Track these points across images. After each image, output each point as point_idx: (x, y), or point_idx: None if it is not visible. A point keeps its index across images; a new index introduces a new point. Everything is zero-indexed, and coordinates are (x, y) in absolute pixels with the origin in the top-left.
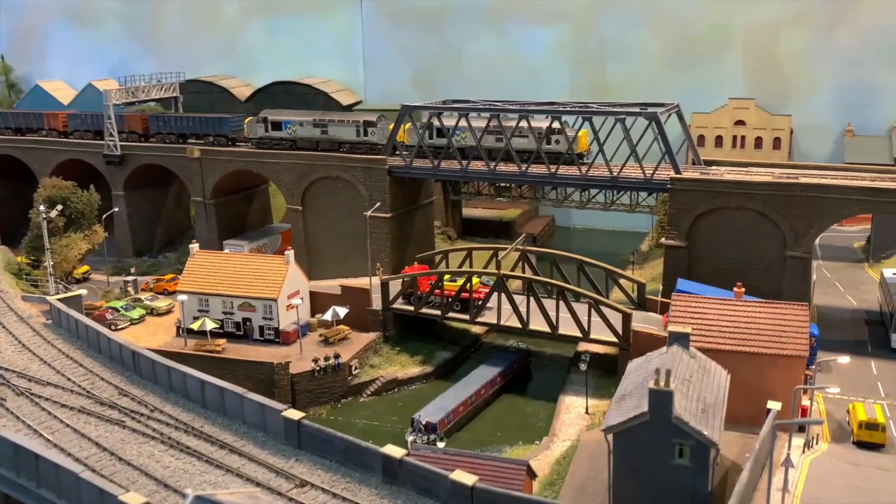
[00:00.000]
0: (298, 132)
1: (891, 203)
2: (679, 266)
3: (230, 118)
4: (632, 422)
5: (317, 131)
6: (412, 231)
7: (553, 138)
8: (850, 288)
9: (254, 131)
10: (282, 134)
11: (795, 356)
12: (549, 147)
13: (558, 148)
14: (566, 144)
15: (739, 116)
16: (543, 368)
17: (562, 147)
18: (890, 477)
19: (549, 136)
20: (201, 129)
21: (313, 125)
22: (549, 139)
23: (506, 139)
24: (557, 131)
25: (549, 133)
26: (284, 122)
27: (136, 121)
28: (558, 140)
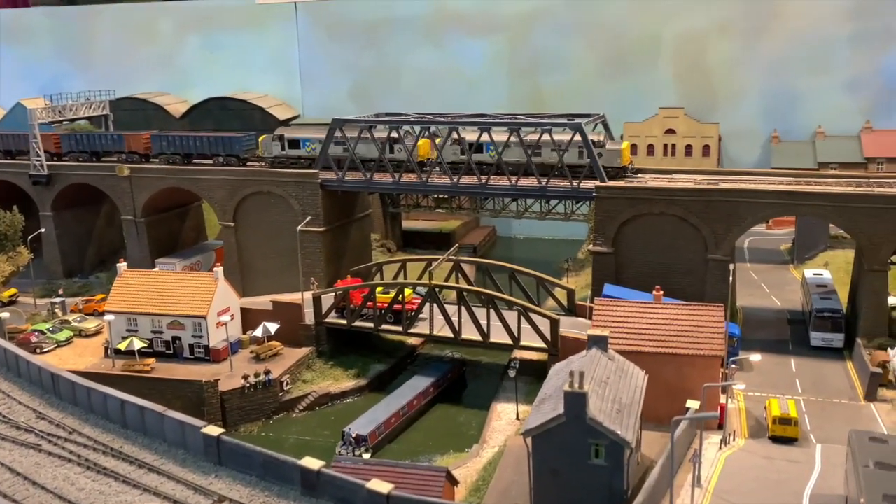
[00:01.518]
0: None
1: (805, 205)
2: (607, 271)
3: (242, 137)
4: (549, 424)
5: (338, 149)
6: (348, 244)
7: (595, 152)
8: (775, 289)
9: (268, 150)
10: (300, 152)
11: (712, 355)
12: (590, 161)
13: (601, 161)
14: (608, 158)
15: (670, 125)
16: (478, 377)
17: (603, 161)
18: (800, 469)
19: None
20: (210, 148)
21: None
22: (590, 153)
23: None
24: (598, 144)
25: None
26: (303, 139)
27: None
28: (599, 154)
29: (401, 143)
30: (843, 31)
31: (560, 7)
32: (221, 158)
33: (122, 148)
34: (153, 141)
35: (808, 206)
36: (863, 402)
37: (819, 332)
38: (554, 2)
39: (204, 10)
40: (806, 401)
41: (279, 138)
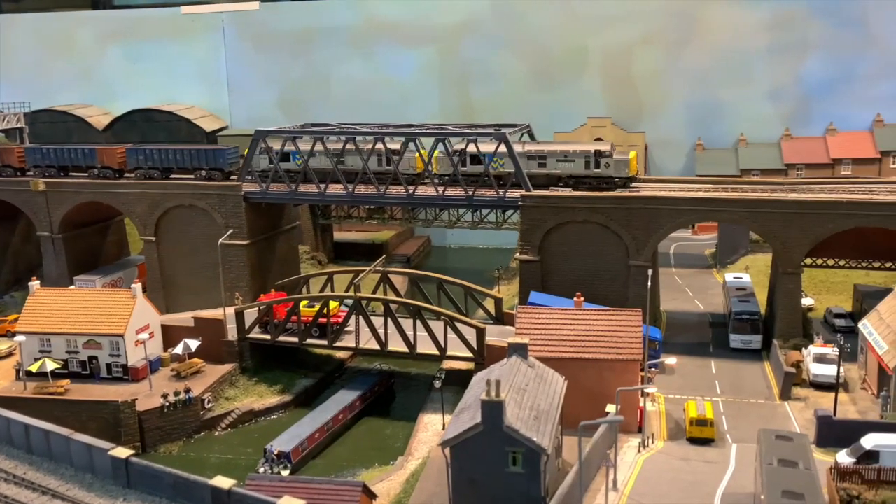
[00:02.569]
0: (312, 163)
1: (721, 211)
2: (533, 279)
3: (226, 149)
4: (466, 434)
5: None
6: (274, 257)
7: (602, 162)
8: (699, 293)
9: (256, 163)
10: (289, 165)
11: (630, 359)
12: (598, 171)
13: (608, 171)
14: (616, 168)
15: (598, 134)
16: (407, 388)
17: (612, 171)
18: (715, 469)
19: (597, 161)
20: (191, 162)
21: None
22: (598, 163)
23: (382, 160)
24: (606, 154)
25: (598, 157)
26: (293, 152)
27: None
28: (608, 164)
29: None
30: (762, 42)
31: (489, 19)
32: (204, 172)
33: (94, 162)
34: (129, 155)
35: (725, 213)
36: (778, 401)
37: (738, 335)
38: (483, 14)
39: (126, 21)
40: (724, 402)
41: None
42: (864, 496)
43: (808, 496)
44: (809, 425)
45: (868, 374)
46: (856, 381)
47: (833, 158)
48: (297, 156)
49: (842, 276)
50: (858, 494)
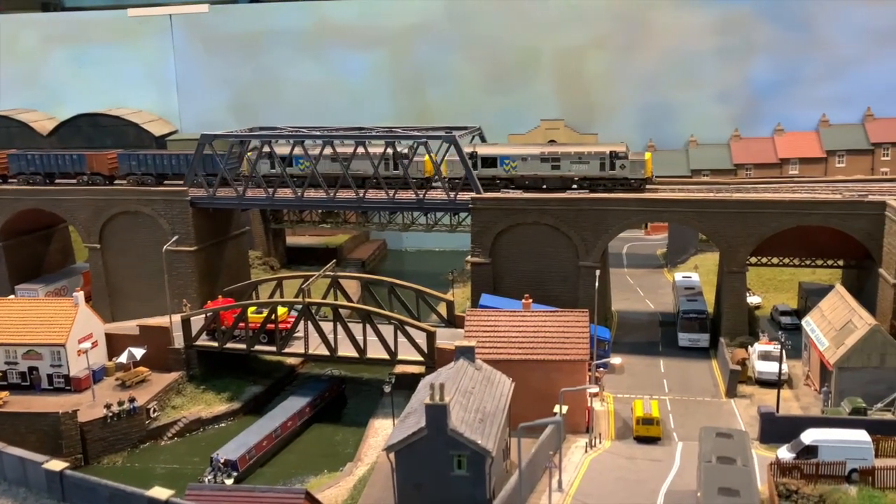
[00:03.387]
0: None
1: (668, 212)
2: (485, 281)
3: (224, 154)
4: (411, 438)
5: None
6: (223, 263)
7: (618, 163)
8: (650, 292)
9: (258, 168)
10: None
11: (578, 360)
12: (614, 173)
13: (623, 173)
14: (632, 169)
15: (551, 136)
16: (359, 394)
17: (627, 172)
18: (660, 467)
19: (612, 162)
20: (187, 167)
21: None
22: (614, 165)
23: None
24: (622, 156)
25: (614, 158)
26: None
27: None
28: (623, 165)
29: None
30: (711, 45)
31: (441, 22)
32: (199, 178)
33: (84, 169)
34: (121, 161)
35: (671, 213)
36: (724, 398)
37: (686, 333)
38: (435, 17)
39: (71, 23)
40: (672, 400)
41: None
42: (802, 490)
43: (743, 492)
44: (754, 422)
45: (811, 371)
46: (800, 377)
47: (781, 158)
48: (300, 160)
49: (788, 274)
50: (797, 489)
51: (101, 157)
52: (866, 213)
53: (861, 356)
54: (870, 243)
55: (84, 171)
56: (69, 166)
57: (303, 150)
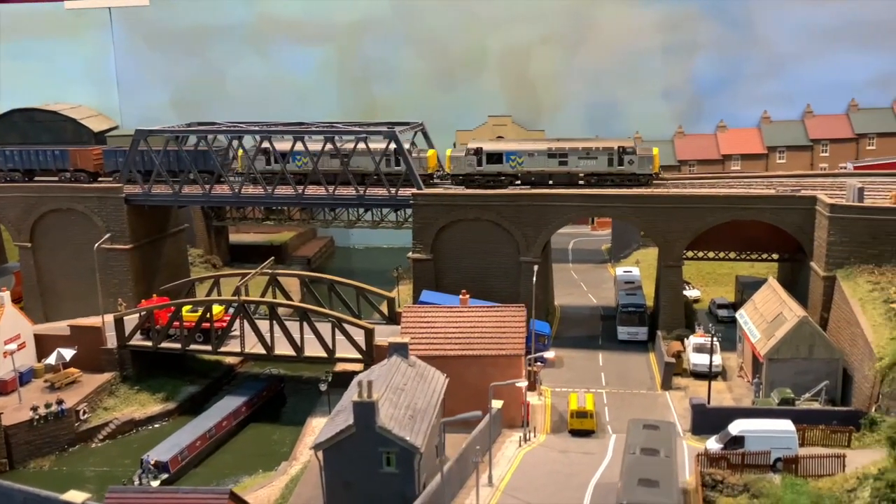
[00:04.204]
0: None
1: (606, 207)
2: (427, 278)
3: (218, 149)
4: (339, 436)
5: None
6: (161, 262)
7: (626, 159)
8: (593, 287)
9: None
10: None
11: (514, 355)
12: (622, 168)
13: (631, 168)
14: (640, 165)
15: (499, 132)
16: (298, 393)
17: (636, 168)
18: (592, 460)
19: (621, 158)
20: (179, 164)
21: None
22: (622, 160)
23: (251, 159)
24: (630, 151)
25: (622, 154)
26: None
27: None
28: (631, 160)
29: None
30: (655, 43)
31: (388, 17)
32: (190, 175)
33: (66, 165)
34: (106, 157)
35: (609, 208)
36: (660, 390)
37: (625, 327)
38: (381, 12)
39: (4, 15)
40: (609, 393)
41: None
42: (727, 480)
43: (662, 483)
44: (687, 413)
45: (745, 362)
46: (734, 369)
47: (723, 154)
48: (297, 157)
49: (727, 268)
50: (723, 478)
51: (86, 153)
52: (798, 207)
53: (790, 347)
54: (801, 237)
55: (67, 168)
56: (51, 163)
57: (303, 147)
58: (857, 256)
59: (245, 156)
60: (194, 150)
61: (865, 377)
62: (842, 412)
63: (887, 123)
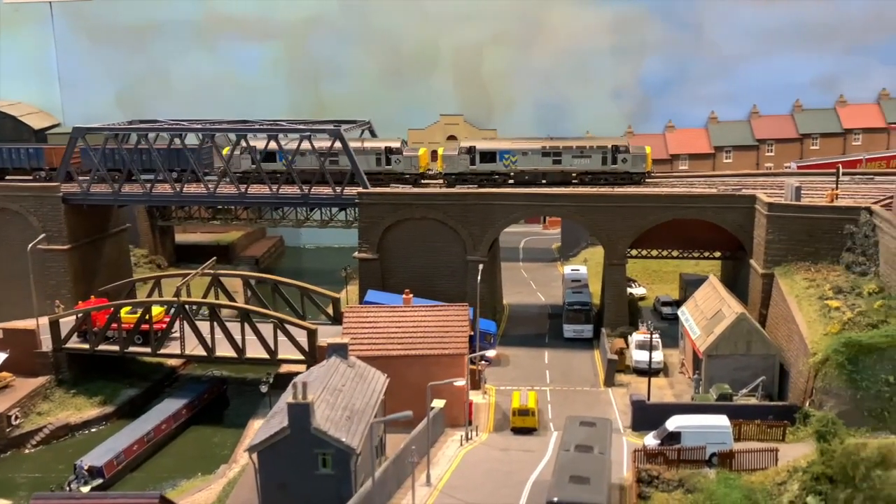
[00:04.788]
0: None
1: (551, 206)
2: (373, 277)
3: (202, 148)
4: (274, 438)
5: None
6: (101, 262)
7: (620, 157)
8: (542, 285)
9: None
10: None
11: (456, 354)
12: (615, 167)
13: (625, 167)
14: (633, 163)
15: (451, 131)
16: (242, 394)
17: (629, 166)
18: (532, 457)
19: (614, 156)
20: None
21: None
22: (616, 159)
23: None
24: (623, 150)
25: (615, 153)
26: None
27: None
28: (625, 159)
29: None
30: (605, 43)
31: (337, 15)
32: (175, 174)
33: (41, 164)
34: (83, 155)
35: (554, 207)
36: (603, 387)
37: (571, 325)
38: (330, 10)
39: None
40: (553, 391)
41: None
42: (663, 476)
43: (593, 480)
44: (629, 410)
45: (686, 359)
46: (676, 365)
47: (671, 154)
48: (283, 156)
49: (673, 266)
50: (658, 474)
51: (62, 151)
52: (738, 206)
53: (728, 344)
54: (742, 235)
55: (42, 167)
56: (25, 161)
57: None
58: (795, 254)
59: (227, 155)
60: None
61: (800, 372)
62: (778, 407)
63: (830, 124)
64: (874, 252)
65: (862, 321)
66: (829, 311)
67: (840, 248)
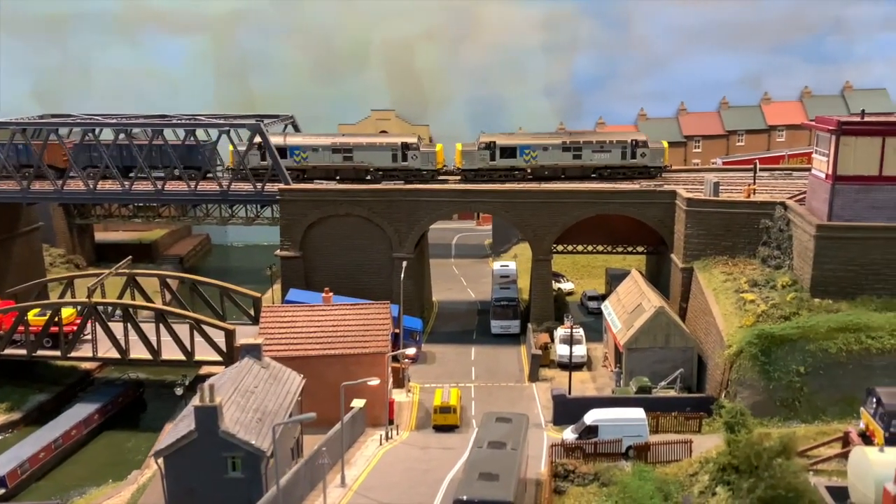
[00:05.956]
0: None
1: (477, 202)
2: (296, 275)
3: (204, 144)
4: (180, 442)
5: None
6: (10, 263)
7: (639, 152)
8: (472, 282)
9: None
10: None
11: (377, 353)
12: (634, 161)
13: (644, 161)
14: (651, 157)
15: (382, 127)
16: (160, 398)
17: (647, 160)
18: (451, 455)
19: (633, 151)
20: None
21: None
22: (635, 153)
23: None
24: (642, 144)
25: (634, 147)
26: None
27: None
28: (644, 153)
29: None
30: (536, 40)
31: (265, 8)
32: (178, 171)
33: (32, 161)
34: (77, 152)
35: (480, 203)
36: (527, 383)
37: (498, 321)
38: (258, 2)
39: None
40: (477, 387)
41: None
42: (579, 470)
43: (502, 476)
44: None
45: (609, 352)
46: (600, 359)
47: None
48: (296, 151)
49: (602, 261)
50: (574, 468)
51: (55, 147)
52: (659, 201)
53: (648, 337)
54: (663, 230)
55: (30, 164)
56: (13, 157)
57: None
58: (713, 248)
59: (305, 150)
60: (80, 144)
61: (717, 365)
62: (695, 399)
63: (755, 121)
64: (788, 246)
65: (775, 313)
66: (744, 304)
67: (756, 242)
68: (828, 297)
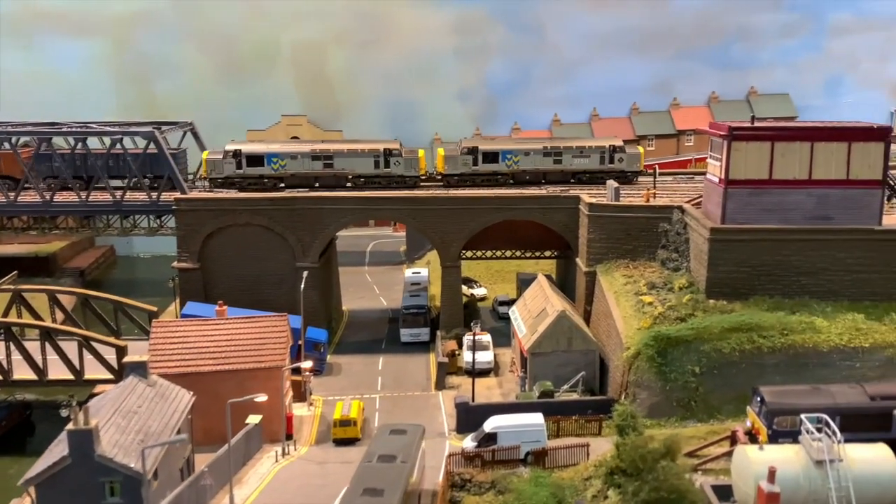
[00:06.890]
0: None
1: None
2: (195, 288)
3: (178, 153)
4: (53, 469)
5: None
6: None
7: (617, 157)
8: (385, 289)
9: (220, 169)
10: (263, 170)
11: (273, 367)
12: (612, 166)
13: (621, 166)
14: (629, 162)
15: (293, 132)
16: (50, 419)
17: (625, 165)
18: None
19: (612, 156)
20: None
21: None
22: (613, 158)
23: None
24: (620, 150)
25: (613, 152)
26: (268, 155)
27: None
28: (621, 158)
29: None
30: (449, 44)
31: (166, 10)
32: (148, 180)
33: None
34: (36, 160)
35: (387, 210)
36: (434, 391)
37: (408, 329)
38: (158, 4)
39: None
40: (382, 397)
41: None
42: (476, 479)
43: (387, 491)
44: None
45: (515, 357)
46: (507, 364)
47: None
48: (273, 159)
49: (515, 266)
50: (471, 478)
51: (9, 156)
52: (563, 207)
53: (551, 341)
54: (568, 235)
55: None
56: None
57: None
58: (615, 252)
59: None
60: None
61: (617, 367)
62: (596, 401)
63: (664, 126)
64: (685, 248)
65: (672, 315)
66: (643, 307)
67: (656, 245)
68: (722, 298)
